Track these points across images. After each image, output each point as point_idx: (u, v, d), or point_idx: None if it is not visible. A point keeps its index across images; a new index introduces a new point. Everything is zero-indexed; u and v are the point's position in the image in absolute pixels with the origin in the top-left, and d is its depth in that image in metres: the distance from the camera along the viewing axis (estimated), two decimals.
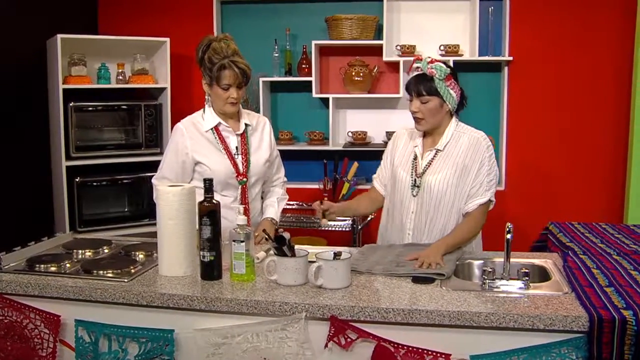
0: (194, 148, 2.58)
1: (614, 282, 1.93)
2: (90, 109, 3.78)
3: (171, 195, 2.08)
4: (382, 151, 4.35)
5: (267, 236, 2.09)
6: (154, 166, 4.06)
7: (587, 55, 4.07)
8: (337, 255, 1.96)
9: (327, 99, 4.30)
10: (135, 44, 4.01)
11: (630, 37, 3.94)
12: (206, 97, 2.65)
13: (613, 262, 2.18)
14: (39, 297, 2.04)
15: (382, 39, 4.19)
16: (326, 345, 1.81)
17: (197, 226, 2.12)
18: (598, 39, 4.05)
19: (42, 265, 2.20)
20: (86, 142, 3.78)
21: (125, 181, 3.92)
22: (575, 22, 4.05)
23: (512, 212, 4.06)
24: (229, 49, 2.51)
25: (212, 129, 2.61)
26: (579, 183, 4.14)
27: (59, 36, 3.56)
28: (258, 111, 4.03)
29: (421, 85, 2.37)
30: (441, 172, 2.41)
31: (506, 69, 4.15)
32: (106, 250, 2.46)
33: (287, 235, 1.97)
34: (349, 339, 1.81)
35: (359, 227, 3.88)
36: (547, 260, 2.26)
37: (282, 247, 1.96)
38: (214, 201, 2.05)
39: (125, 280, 2.04)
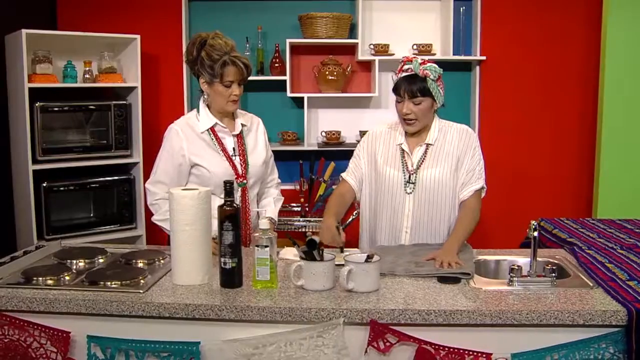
0: (191, 150, 2.47)
1: (634, 276, 1.98)
2: (57, 109, 3.55)
3: (188, 200, 1.97)
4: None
5: (293, 242, 2.01)
6: (123, 169, 3.91)
7: (555, 56, 4.20)
8: (369, 258, 1.91)
9: (299, 98, 4.24)
10: (101, 41, 3.79)
11: (596, 37, 4.10)
12: (204, 96, 2.53)
13: (621, 256, 2.24)
14: (43, 313, 1.88)
15: (354, 38, 4.17)
16: (366, 351, 1.77)
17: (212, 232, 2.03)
18: (566, 40, 4.19)
19: (41, 278, 2.04)
20: (52, 145, 3.55)
21: (94, 185, 3.71)
22: (544, 23, 4.18)
23: (484, 210, 4.11)
24: (227, 46, 2.42)
25: (208, 130, 2.50)
26: (549, 180, 4.27)
27: (24, 31, 3.32)
28: None
29: (414, 87, 2.34)
30: (438, 165, 2.41)
31: (477, 68, 4.23)
32: (101, 260, 2.30)
33: (317, 238, 1.91)
34: (388, 343, 1.77)
35: (342, 227, 3.83)
36: (557, 257, 2.30)
37: (312, 251, 1.89)
38: (234, 205, 1.95)
39: (141, 292, 1.91)
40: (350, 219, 3.87)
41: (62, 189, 3.59)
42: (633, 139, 3.96)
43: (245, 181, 2.52)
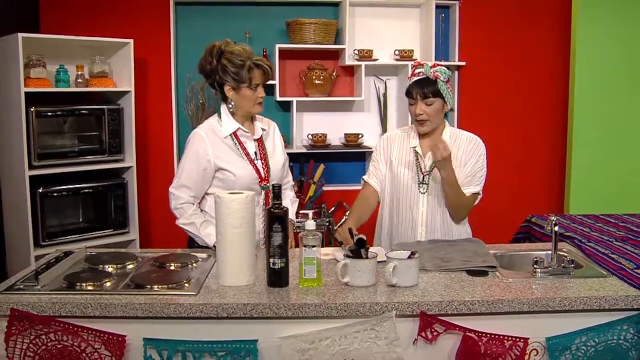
0: (216, 154, 2.53)
1: None
2: (51, 114, 3.50)
3: (236, 204, 2.04)
4: (342, 153, 4.51)
5: (340, 242, 2.12)
6: (116, 173, 3.89)
7: (530, 61, 4.47)
8: (412, 254, 2.05)
9: (287, 101, 4.33)
10: (92, 46, 3.76)
11: (567, 43, 4.39)
12: (227, 104, 2.59)
13: (619, 247, 2.47)
14: (96, 318, 1.91)
15: (339, 44, 4.30)
16: (415, 341, 1.90)
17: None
18: (539, 45, 4.46)
19: (84, 284, 2.07)
20: (47, 150, 3.50)
21: (88, 190, 3.69)
22: (519, 30, 4.44)
23: None
24: (246, 51, 2.52)
25: (231, 134, 2.58)
26: (524, 180, 4.55)
27: (20, 35, 3.26)
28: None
29: (426, 89, 2.51)
30: None
31: (456, 73, 4.45)
32: (131, 265, 2.34)
33: (364, 237, 2.03)
34: (435, 333, 1.91)
35: (334, 227, 3.96)
36: (564, 249, 2.51)
37: (360, 249, 2.01)
38: (283, 207, 2.04)
39: (194, 293, 1.98)
40: (344, 219, 3.97)
41: (55, 194, 3.54)
42: (602, 140, 4.28)
43: (268, 184, 2.60)
